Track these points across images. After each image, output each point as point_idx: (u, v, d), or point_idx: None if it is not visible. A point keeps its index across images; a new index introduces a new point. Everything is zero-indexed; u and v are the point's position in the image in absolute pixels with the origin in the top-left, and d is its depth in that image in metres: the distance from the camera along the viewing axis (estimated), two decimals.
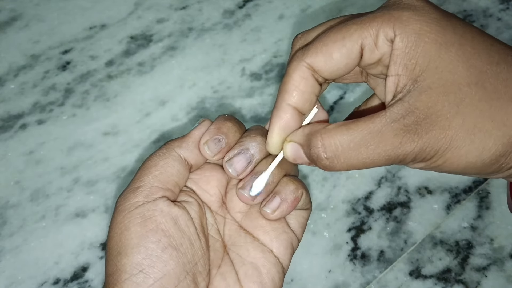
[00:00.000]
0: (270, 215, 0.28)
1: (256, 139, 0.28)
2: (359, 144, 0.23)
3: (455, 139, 0.22)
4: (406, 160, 0.23)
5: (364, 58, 0.25)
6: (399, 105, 0.23)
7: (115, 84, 0.53)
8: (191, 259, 0.26)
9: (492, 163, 0.23)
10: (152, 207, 0.25)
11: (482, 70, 0.23)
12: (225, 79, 0.53)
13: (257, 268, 0.28)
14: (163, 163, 0.27)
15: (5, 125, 0.50)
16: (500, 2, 0.59)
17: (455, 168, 0.24)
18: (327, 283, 0.42)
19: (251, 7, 0.59)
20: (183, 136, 0.28)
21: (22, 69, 0.54)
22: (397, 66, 0.23)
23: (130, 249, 0.24)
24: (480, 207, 0.45)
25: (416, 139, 0.22)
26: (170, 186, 0.27)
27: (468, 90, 0.23)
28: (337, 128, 0.24)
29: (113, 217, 0.26)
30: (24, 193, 0.46)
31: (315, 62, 0.25)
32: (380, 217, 0.45)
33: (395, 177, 0.47)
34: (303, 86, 0.25)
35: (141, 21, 0.58)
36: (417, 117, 0.22)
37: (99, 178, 0.47)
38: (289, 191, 0.28)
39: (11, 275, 0.42)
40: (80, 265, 0.43)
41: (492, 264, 0.42)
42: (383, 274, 0.42)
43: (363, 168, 0.24)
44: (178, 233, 0.25)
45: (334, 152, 0.24)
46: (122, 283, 0.24)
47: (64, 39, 0.56)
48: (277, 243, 0.28)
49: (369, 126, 0.23)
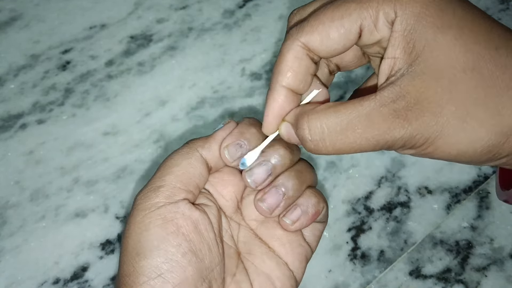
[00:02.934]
0: (290, 226, 0.27)
1: (280, 151, 0.27)
2: (346, 128, 0.22)
3: (447, 127, 0.21)
4: (395, 146, 0.23)
5: (362, 39, 0.24)
6: (390, 88, 0.22)
7: (115, 84, 0.53)
8: (209, 265, 0.25)
9: (484, 152, 0.22)
10: (174, 209, 0.25)
11: (480, 55, 0.22)
12: (225, 79, 0.53)
13: (272, 281, 0.27)
14: (185, 163, 0.26)
15: (5, 125, 0.50)
16: (500, 2, 0.59)
17: (446, 156, 0.23)
18: (327, 283, 0.42)
19: (251, 7, 0.59)
20: (207, 136, 0.27)
21: (22, 69, 0.54)
22: (395, 49, 0.22)
23: (149, 251, 0.24)
24: (480, 207, 0.45)
25: (405, 125, 0.22)
26: (191, 188, 0.26)
27: (464, 75, 0.22)
28: (325, 110, 0.23)
29: (131, 215, 0.25)
30: (24, 193, 0.46)
31: (311, 42, 0.24)
32: (380, 217, 0.45)
33: (395, 177, 0.47)
34: (297, 67, 0.24)
35: (141, 21, 0.58)
36: (407, 102, 0.22)
37: (99, 178, 0.47)
38: (311, 204, 0.27)
39: (11, 275, 0.42)
40: (80, 265, 0.43)
41: (492, 264, 0.42)
42: (383, 274, 0.42)
43: (351, 152, 0.23)
44: (198, 238, 0.25)
45: (319, 135, 0.23)
46: (140, 286, 0.23)
47: (64, 39, 0.56)
48: (292, 256, 0.28)
49: (357, 109, 0.22)
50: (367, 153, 0.48)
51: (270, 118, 0.26)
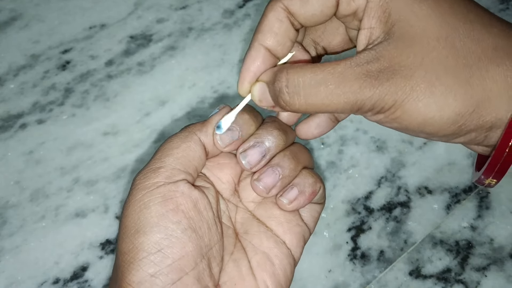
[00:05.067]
0: (287, 205, 0.27)
1: (273, 133, 0.27)
2: (319, 82, 0.23)
3: (416, 89, 0.22)
4: (364, 108, 0.23)
5: (340, 9, 0.25)
6: (366, 52, 0.23)
7: (115, 84, 0.53)
8: (208, 243, 0.25)
9: (451, 121, 0.23)
10: (173, 188, 0.25)
11: (454, 27, 0.23)
12: (225, 79, 0.53)
13: (270, 258, 0.27)
14: (185, 146, 0.26)
15: (5, 125, 0.50)
16: (500, 2, 0.59)
17: (413, 121, 0.23)
18: (327, 283, 0.42)
19: (251, 7, 0.59)
20: (203, 121, 0.28)
21: (22, 69, 0.54)
22: (371, 19, 0.24)
23: (150, 227, 0.24)
24: (480, 207, 0.45)
25: (376, 85, 0.22)
26: (190, 170, 0.26)
27: (436, 44, 0.22)
28: (303, 66, 0.24)
29: (130, 195, 0.25)
30: (24, 193, 0.46)
31: (291, 5, 0.25)
32: (380, 217, 0.45)
33: (395, 177, 0.47)
34: (277, 28, 0.25)
35: (141, 21, 0.58)
36: (380, 65, 0.22)
37: (99, 178, 0.47)
38: (307, 184, 0.28)
39: (11, 275, 0.42)
40: (80, 265, 0.43)
41: (492, 264, 0.42)
42: (383, 274, 0.42)
43: (322, 111, 0.24)
44: (197, 216, 0.25)
45: (295, 87, 0.24)
46: (139, 261, 0.24)
47: (64, 39, 0.56)
48: (290, 235, 0.28)
49: (333, 67, 0.23)
50: (367, 153, 0.48)
51: (246, 77, 0.26)
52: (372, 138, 0.49)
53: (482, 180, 0.28)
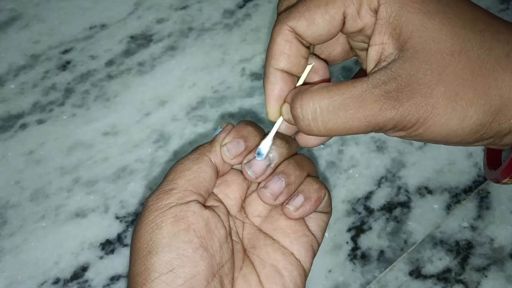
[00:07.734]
0: (293, 213, 0.27)
1: (276, 142, 0.27)
2: (338, 108, 0.23)
3: (437, 107, 0.22)
4: (386, 128, 0.23)
5: (346, 26, 0.25)
6: (381, 72, 0.23)
7: (115, 84, 0.53)
8: (219, 261, 0.25)
9: (473, 132, 0.23)
10: (184, 208, 0.25)
11: (465, 38, 0.23)
12: (225, 79, 0.53)
13: (279, 270, 0.27)
14: (196, 168, 0.27)
15: (5, 125, 0.50)
16: (500, 2, 0.59)
17: (436, 136, 0.23)
18: (327, 283, 0.42)
19: (251, 7, 0.59)
20: (211, 141, 0.28)
21: (22, 69, 0.54)
22: (382, 35, 0.23)
23: (161, 248, 0.24)
24: (480, 207, 0.45)
25: (397, 106, 0.22)
26: (202, 192, 0.27)
27: (451, 58, 0.22)
28: (318, 90, 0.23)
29: (143, 216, 0.26)
30: (24, 193, 0.46)
31: (298, 27, 0.25)
32: (380, 217, 0.45)
33: (395, 177, 0.47)
34: (288, 50, 0.25)
35: (141, 21, 0.58)
36: (399, 84, 0.22)
37: (99, 178, 0.47)
38: (312, 190, 0.27)
39: (11, 275, 0.42)
40: (80, 265, 0.43)
41: (492, 264, 0.42)
42: (383, 274, 0.42)
43: (343, 134, 0.24)
44: (208, 235, 0.25)
45: (312, 114, 0.23)
46: (152, 282, 0.24)
47: (64, 39, 0.56)
48: (297, 245, 0.28)
49: (350, 90, 0.23)
50: (367, 153, 0.48)
51: (272, 102, 0.26)
52: (372, 138, 0.49)
53: (499, 179, 0.28)
